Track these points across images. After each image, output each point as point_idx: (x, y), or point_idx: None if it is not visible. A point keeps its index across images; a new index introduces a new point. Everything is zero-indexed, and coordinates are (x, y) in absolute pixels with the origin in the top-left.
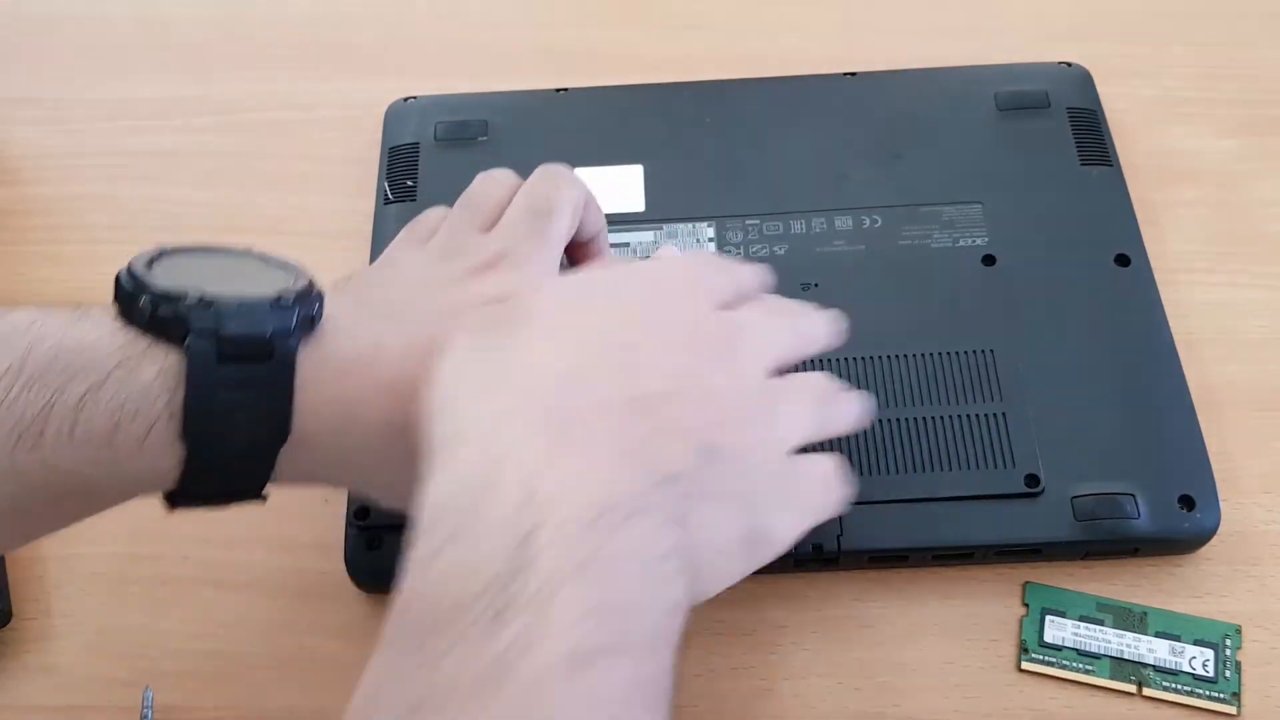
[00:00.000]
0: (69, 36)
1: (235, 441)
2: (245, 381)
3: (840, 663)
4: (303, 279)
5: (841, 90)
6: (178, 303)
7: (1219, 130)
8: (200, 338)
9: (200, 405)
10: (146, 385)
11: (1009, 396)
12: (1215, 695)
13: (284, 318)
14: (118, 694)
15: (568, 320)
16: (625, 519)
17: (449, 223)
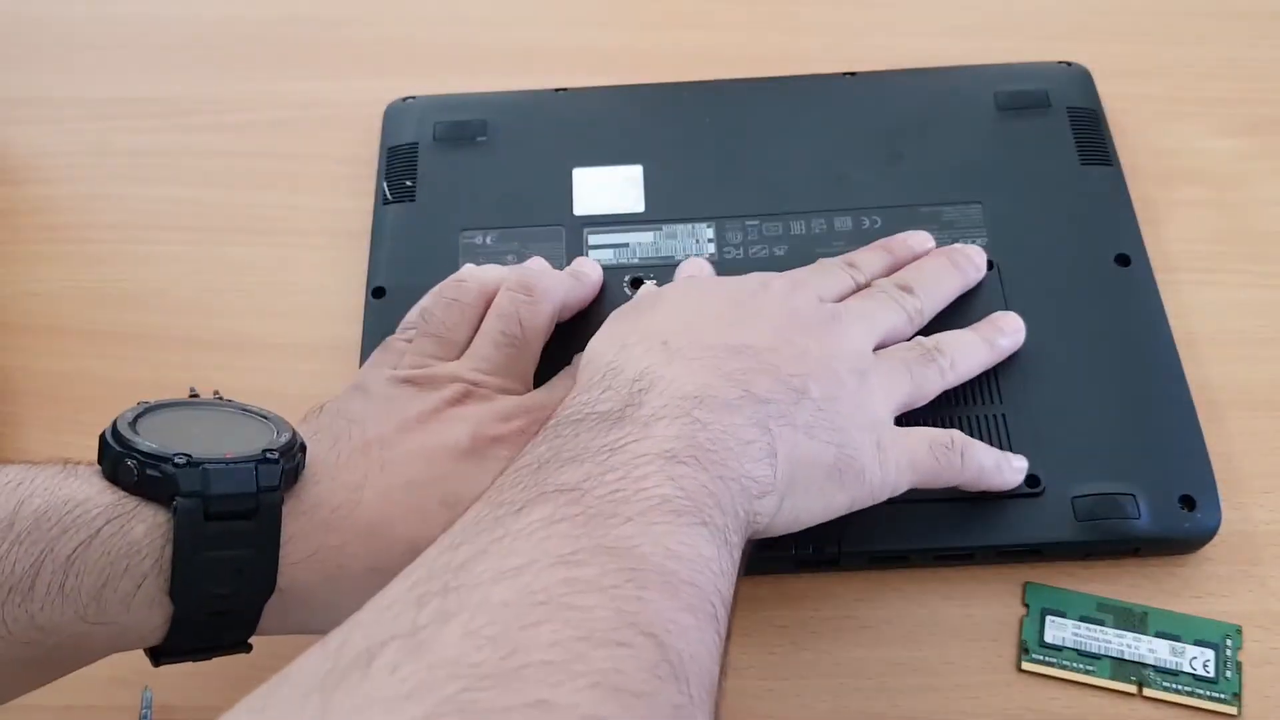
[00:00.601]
0: (69, 36)
1: (221, 597)
2: (232, 538)
3: (840, 663)
4: (285, 432)
5: (841, 90)
6: (163, 464)
7: (1219, 130)
8: (188, 498)
9: (187, 563)
10: (135, 543)
11: (1009, 397)
12: (1216, 696)
13: (269, 474)
14: (117, 694)
15: (689, 298)
16: (719, 407)
17: (415, 349)
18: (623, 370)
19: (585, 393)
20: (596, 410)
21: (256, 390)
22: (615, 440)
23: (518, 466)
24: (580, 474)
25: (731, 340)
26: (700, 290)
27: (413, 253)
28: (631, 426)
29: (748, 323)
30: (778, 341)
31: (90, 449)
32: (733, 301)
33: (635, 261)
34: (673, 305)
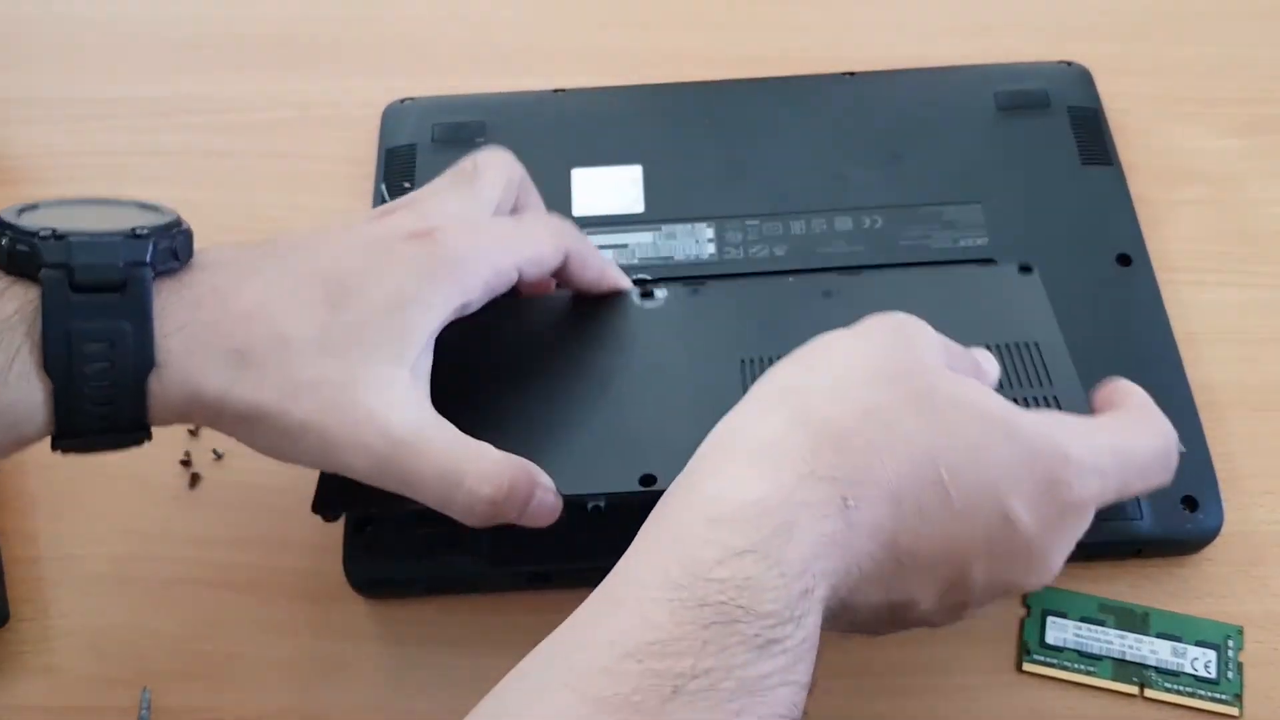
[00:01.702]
0: (69, 36)
1: (99, 372)
2: (101, 310)
3: (840, 663)
4: (169, 216)
5: (841, 90)
6: (31, 238)
7: (1219, 130)
8: (53, 269)
9: (57, 334)
10: (7, 318)
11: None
12: (1217, 696)
13: (137, 249)
14: (116, 694)
15: (946, 421)
16: (832, 609)
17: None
18: (791, 538)
19: (748, 556)
20: (756, 609)
21: None
22: (760, 678)
23: (648, 667)
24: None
25: (905, 540)
26: (962, 421)
27: None
28: (782, 659)
29: (952, 521)
30: (953, 568)
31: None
32: (975, 477)
33: (635, 262)
34: (909, 427)
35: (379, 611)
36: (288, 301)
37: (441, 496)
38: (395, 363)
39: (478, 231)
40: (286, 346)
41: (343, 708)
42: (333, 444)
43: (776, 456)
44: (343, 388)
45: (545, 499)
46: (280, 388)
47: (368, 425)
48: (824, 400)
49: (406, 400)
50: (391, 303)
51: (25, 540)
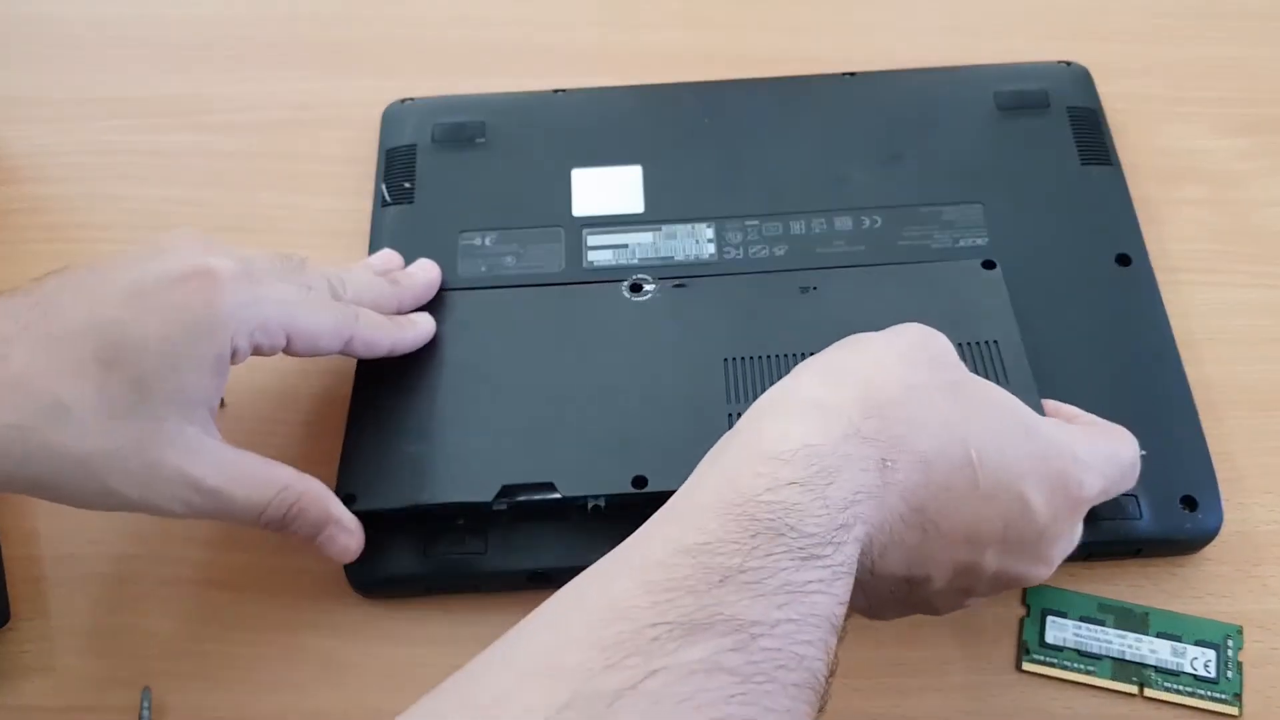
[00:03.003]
0: (69, 36)
1: None
2: None
3: (840, 662)
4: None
5: (841, 90)
6: None
7: (1219, 130)
8: None
9: None
10: None
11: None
12: (1217, 696)
13: None
14: (117, 694)
15: (971, 406)
16: (880, 571)
17: None
18: (835, 480)
19: (796, 486)
20: (801, 528)
21: (257, 389)
22: (804, 583)
23: (698, 560)
24: (756, 611)
25: (932, 511)
26: (984, 407)
27: (412, 255)
28: (822, 571)
29: (973, 502)
30: (972, 548)
31: None
32: (998, 469)
33: (635, 262)
34: (942, 409)
35: (379, 611)
36: (57, 363)
37: (249, 523)
38: (184, 419)
39: (253, 281)
40: (66, 415)
41: (343, 708)
42: (147, 503)
43: (826, 414)
44: (143, 451)
45: (337, 536)
46: (75, 461)
47: (178, 483)
48: (871, 373)
49: (205, 450)
50: (160, 360)
51: (25, 540)
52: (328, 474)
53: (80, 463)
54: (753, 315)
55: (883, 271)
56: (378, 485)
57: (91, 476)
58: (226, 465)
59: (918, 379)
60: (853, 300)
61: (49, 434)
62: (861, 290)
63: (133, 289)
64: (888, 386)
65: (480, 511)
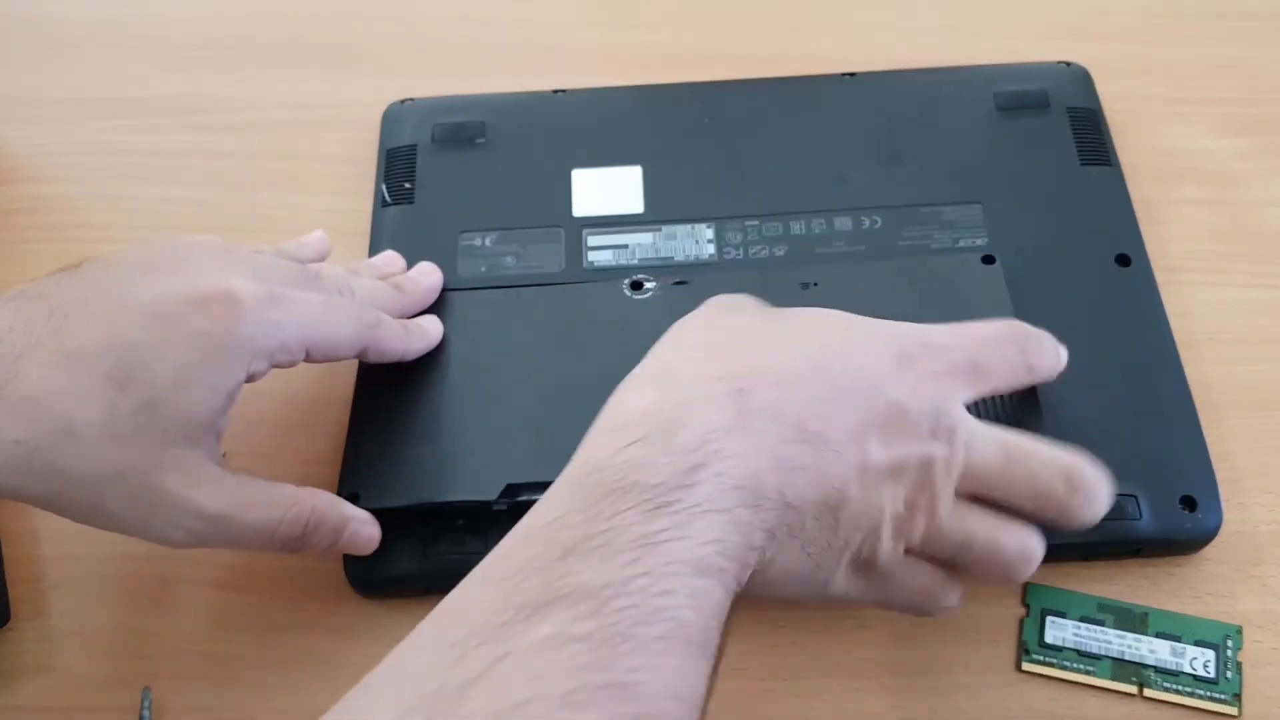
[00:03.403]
0: (69, 36)
1: None
2: None
3: (840, 663)
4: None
5: (841, 90)
6: None
7: (1219, 130)
8: None
9: None
10: None
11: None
12: (1216, 696)
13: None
14: (117, 694)
15: (803, 330)
16: (751, 505)
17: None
18: (683, 426)
19: (639, 444)
20: (646, 480)
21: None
22: (654, 533)
23: (543, 538)
24: (605, 574)
25: (809, 421)
26: (816, 326)
27: (412, 255)
28: (674, 517)
29: (840, 401)
30: (860, 446)
31: None
32: (847, 364)
33: (635, 262)
34: (778, 334)
35: (379, 611)
36: (69, 382)
37: (261, 546)
38: (189, 444)
39: (276, 303)
40: (72, 436)
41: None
42: (150, 528)
43: (670, 374)
44: (145, 476)
45: (360, 530)
46: (78, 482)
47: (182, 509)
48: (704, 331)
49: (207, 476)
50: (175, 384)
51: (26, 540)
52: (329, 474)
53: (83, 484)
54: None
55: (883, 266)
56: (381, 484)
57: (92, 498)
58: (230, 490)
59: (747, 319)
60: (853, 295)
61: (54, 454)
62: (861, 285)
63: (153, 310)
64: (727, 329)
65: (482, 511)
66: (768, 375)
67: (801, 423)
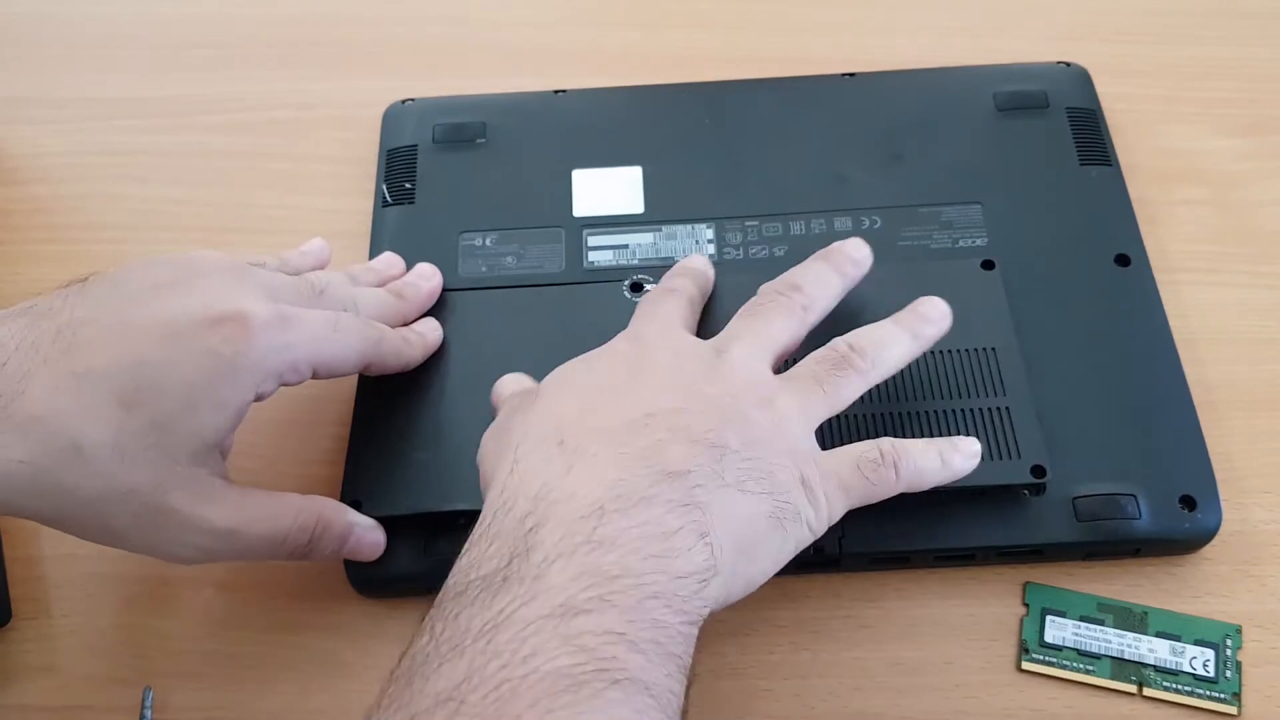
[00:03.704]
0: (69, 36)
1: None
2: None
3: (840, 663)
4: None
5: (841, 90)
6: None
7: (1219, 130)
8: None
9: None
10: None
11: (1012, 390)
12: (1216, 695)
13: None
14: (118, 694)
15: (574, 378)
16: (629, 507)
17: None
18: (514, 502)
19: (472, 547)
20: (481, 574)
21: None
22: (500, 612)
23: (395, 674)
24: (460, 671)
25: (632, 413)
26: (579, 369)
27: (412, 255)
28: (519, 586)
29: (642, 386)
30: (680, 398)
31: None
32: (617, 367)
33: (635, 263)
34: (561, 391)
35: (379, 611)
36: (77, 402)
37: (269, 555)
38: (196, 462)
39: (285, 325)
40: (80, 456)
41: (342, 707)
42: (158, 546)
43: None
44: (153, 495)
45: (365, 536)
46: (85, 502)
47: (190, 527)
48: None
49: (214, 493)
50: (183, 404)
51: (26, 539)
52: (330, 474)
53: (89, 504)
54: None
55: (882, 271)
56: (384, 492)
57: (99, 518)
58: (237, 505)
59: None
60: (852, 300)
61: (60, 474)
62: (861, 290)
63: (164, 330)
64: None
65: None
66: (579, 413)
67: (628, 418)
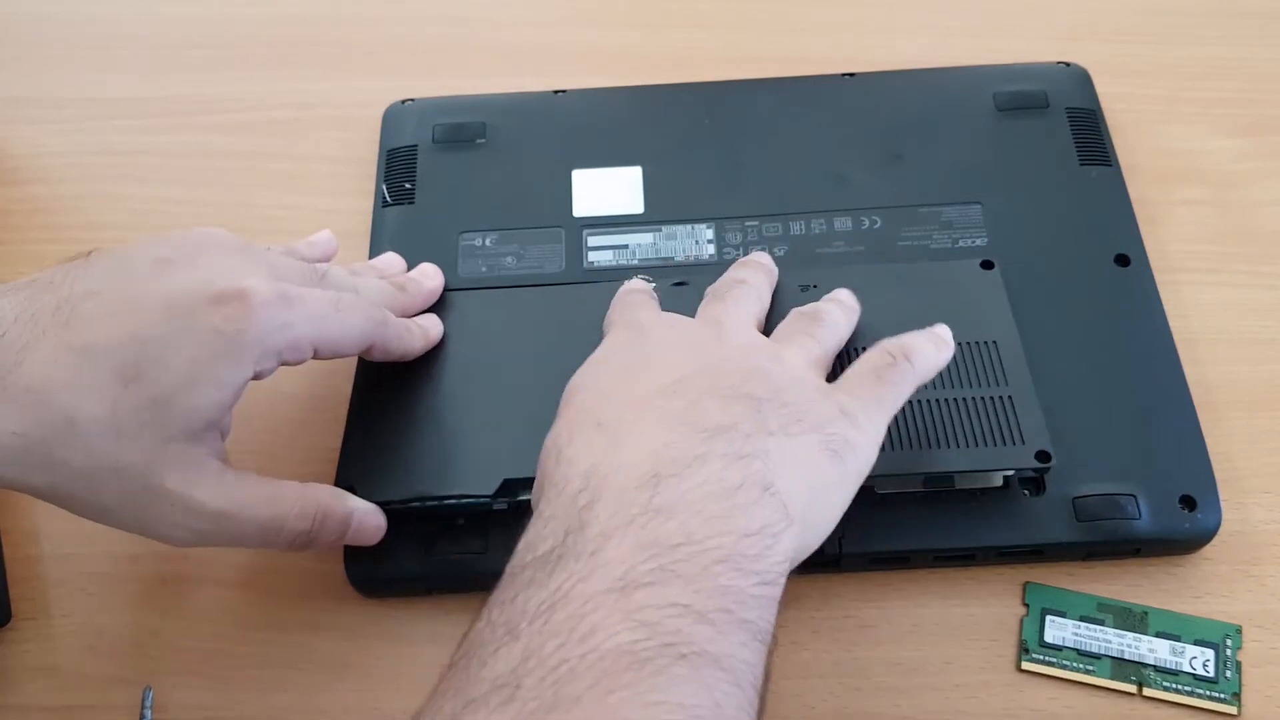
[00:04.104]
0: (69, 36)
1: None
2: None
3: (840, 663)
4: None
5: (841, 90)
6: None
7: (1219, 130)
8: None
9: None
10: None
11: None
12: (1216, 695)
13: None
14: (118, 694)
15: (591, 372)
16: (684, 469)
17: None
18: (566, 484)
19: (527, 530)
20: (537, 553)
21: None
22: (556, 589)
23: (453, 660)
24: (516, 655)
25: (660, 380)
26: (589, 366)
27: (413, 255)
28: (575, 562)
29: (658, 360)
30: (699, 363)
31: None
32: (626, 351)
33: (635, 263)
34: (580, 389)
35: (379, 611)
36: (74, 376)
37: (266, 543)
38: (192, 441)
39: (288, 304)
40: (73, 430)
41: (343, 707)
42: (148, 525)
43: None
44: (146, 474)
45: (366, 520)
46: (76, 476)
47: (182, 507)
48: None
49: (209, 473)
50: (183, 381)
51: (26, 539)
52: (328, 472)
53: (80, 478)
54: None
55: (882, 270)
56: (378, 479)
57: (91, 493)
58: (231, 488)
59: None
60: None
61: (53, 447)
62: (860, 289)
63: (167, 306)
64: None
65: (481, 510)
66: (608, 396)
67: (658, 387)
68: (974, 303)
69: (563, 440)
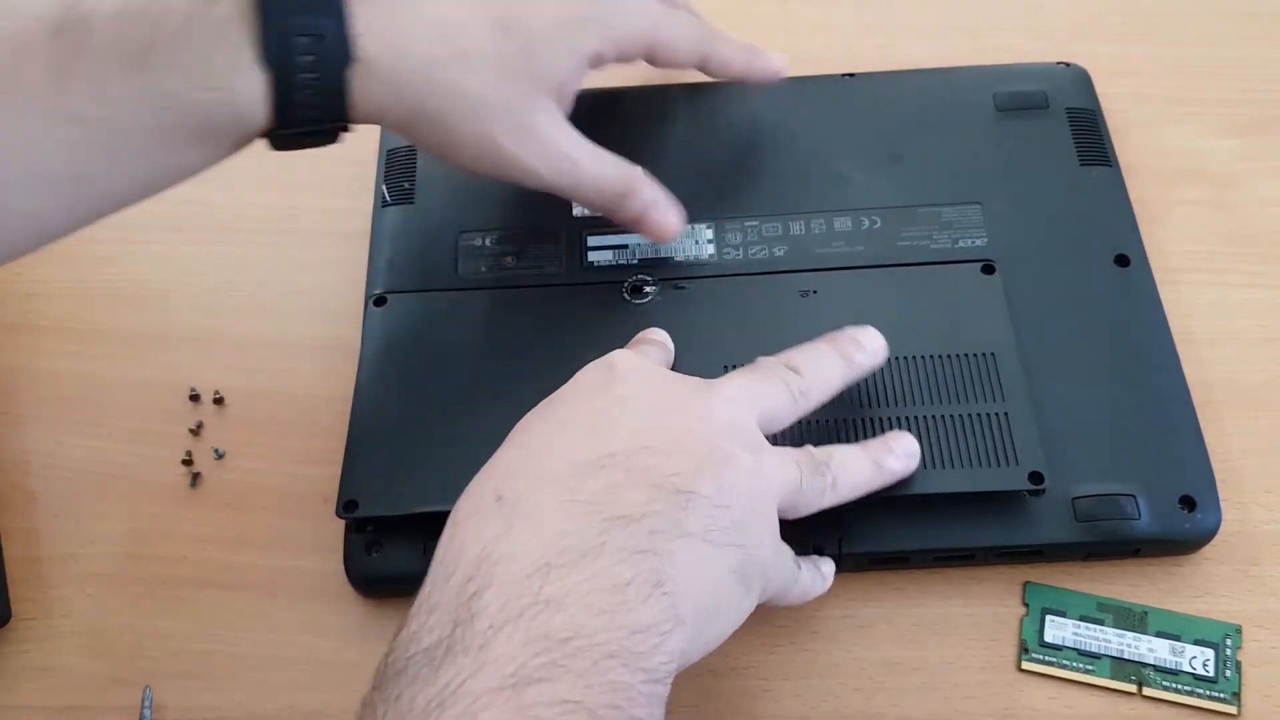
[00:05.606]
0: None
1: (307, 65)
2: (307, 8)
3: (840, 663)
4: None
5: (841, 91)
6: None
7: (1219, 130)
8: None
9: (273, 29)
10: (224, 17)
11: (1010, 396)
12: (1215, 695)
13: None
14: (117, 694)
15: (539, 419)
16: (576, 560)
17: None
18: (455, 569)
19: (410, 621)
20: (422, 647)
21: (256, 390)
22: (445, 686)
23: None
24: None
25: (588, 454)
26: (540, 409)
27: (412, 255)
28: (465, 656)
29: (608, 425)
30: (648, 435)
31: (91, 448)
32: (582, 402)
33: (635, 263)
34: (517, 436)
35: (379, 611)
36: (467, 17)
37: (588, 198)
38: (553, 95)
39: (634, 2)
40: (469, 60)
41: (343, 707)
42: (522, 158)
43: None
44: (522, 111)
45: (665, 216)
46: (470, 101)
47: (551, 146)
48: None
49: (565, 124)
50: (547, 39)
51: (26, 539)
52: (329, 473)
53: (475, 104)
54: (752, 319)
55: (882, 275)
56: (381, 491)
57: (480, 120)
58: (580, 141)
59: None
60: (851, 304)
61: (454, 72)
62: (860, 295)
63: None
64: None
65: None
66: (525, 463)
67: (582, 460)
68: (972, 311)
69: (460, 514)
